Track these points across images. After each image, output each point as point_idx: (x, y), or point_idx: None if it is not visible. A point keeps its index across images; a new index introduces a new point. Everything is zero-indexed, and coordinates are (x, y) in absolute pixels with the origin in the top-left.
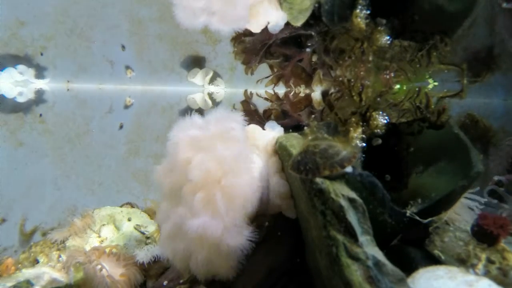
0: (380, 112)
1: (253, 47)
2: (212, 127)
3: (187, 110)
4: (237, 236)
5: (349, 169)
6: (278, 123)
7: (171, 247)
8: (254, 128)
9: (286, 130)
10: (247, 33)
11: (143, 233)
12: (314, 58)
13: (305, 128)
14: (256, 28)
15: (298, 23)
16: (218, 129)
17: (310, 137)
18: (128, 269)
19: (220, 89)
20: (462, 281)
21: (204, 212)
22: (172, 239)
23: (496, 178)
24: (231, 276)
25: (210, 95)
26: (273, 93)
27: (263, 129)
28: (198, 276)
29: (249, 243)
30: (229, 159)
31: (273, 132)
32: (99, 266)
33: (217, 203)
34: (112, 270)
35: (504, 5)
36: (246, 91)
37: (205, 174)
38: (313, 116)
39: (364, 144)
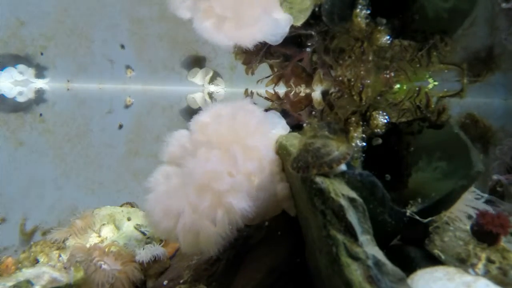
0: (380, 112)
1: (253, 47)
2: (231, 106)
3: (187, 110)
4: (242, 200)
5: (342, 167)
6: None
7: (162, 204)
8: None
9: None
10: None
11: (143, 232)
12: (314, 58)
13: (304, 125)
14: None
15: (298, 22)
16: (237, 105)
17: (308, 135)
18: (128, 266)
19: (220, 89)
20: (460, 282)
21: (219, 163)
22: (166, 196)
23: (495, 177)
24: (214, 250)
25: (210, 94)
26: (273, 92)
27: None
28: (181, 243)
29: (247, 215)
30: (254, 122)
31: (274, 130)
32: (99, 263)
33: (237, 156)
34: (112, 268)
35: (503, 5)
36: (246, 90)
37: (225, 134)
38: (313, 113)
39: (364, 144)
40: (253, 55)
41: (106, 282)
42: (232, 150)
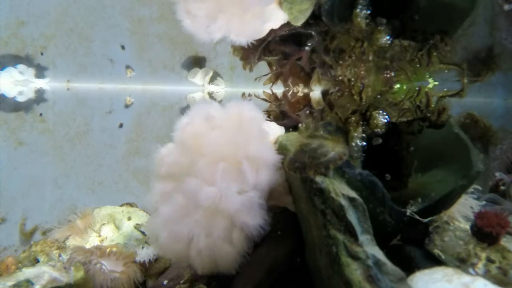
0: (380, 111)
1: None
2: (229, 109)
3: (187, 110)
4: (256, 216)
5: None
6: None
7: (169, 230)
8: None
9: (286, 130)
10: None
11: (143, 232)
12: (313, 57)
13: (299, 125)
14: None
15: (298, 22)
16: (235, 110)
17: (305, 135)
18: (128, 266)
19: (220, 89)
20: (458, 283)
21: (223, 181)
22: (173, 221)
23: (497, 174)
24: (235, 269)
25: (210, 94)
26: (271, 93)
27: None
28: (196, 267)
29: (264, 230)
30: (254, 132)
31: (274, 130)
32: (99, 265)
33: (245, 171)
34: (112, 268)
35: (506, 7)
36: (244, 94)
37: (220, 147)
38: (313, 114)
39: (364, 143)
40: (251, 51)
41: (106, 282)
42: (239, 164)
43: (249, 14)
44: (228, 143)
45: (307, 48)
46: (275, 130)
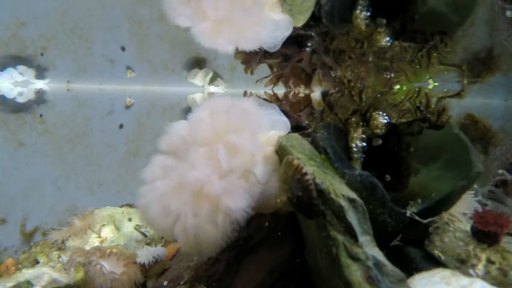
0: (380, 112)
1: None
2: (234, 102)
3: (187, 110)
4: (239, 200)
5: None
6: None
7: (161, 204)
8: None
9: None
10: None
11: (143, 233)
12: (314, 59)
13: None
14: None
15: (299, 24)
16: (234, 102)
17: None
18: (129, 267)
19: (220, 90)
20: (457, 286)
21: (206, 166)
22: (166, 196)
23: (500, 171)
24: (215, 252)
25: (210, 95)
26: (272, 93)
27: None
28: (180, 243)
29: (247, 215)
30: (234, 118)
31: (273, 130)
32: (99, 266)
33: (220, 156)
34: (112, 269)
35: (509, 14)
36: (245, 92)
37: (211, 132)
38: (313, 112)
39: (365, 144)
40: (252, 54)
41: (106, 283)
42: (215, 149)
43: (250, 21)
44: (216, 131)
45: (307, 49)
46: (280, 126)
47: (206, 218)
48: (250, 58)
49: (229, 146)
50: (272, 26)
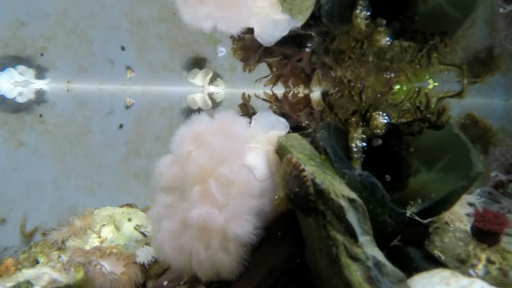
0: (380, 112)
1: (252, 45)
2: (215, 123)
3: (187, 110)
4: (244, 224)
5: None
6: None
7: (171, 243)
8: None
9: None
10: (248, 30)
11: (143, 233)
12: (313, 58)
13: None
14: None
15: (298, 23)
16: (219, 125)
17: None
18: (129, 267)
19: (220, 90)
20: (456, 286)
21: (203, 203)
22: (174, 235)
23: (493, 174)
24: (235, 275)
25: (210, 95)
26: (271, 93)
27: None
28: (200, 275)
29: (257, 234)
30: (218, 149)
31: (273, 130)
32: (99, 266)
33: (212, 191)
34: (112, 269)
35: (501, 10)
36: (244, 94)
37: (200, 169)
38: (312, 112)
39: (364, 144)
40: (252, 52)
41: (106, 283)
42: (208, 186)
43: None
44: (204, 167)
45: (307, 49)
46: (278, 129)
47: (217, 249)
48: (249, 56)
49: (220, 180)
50: (271, 24)
